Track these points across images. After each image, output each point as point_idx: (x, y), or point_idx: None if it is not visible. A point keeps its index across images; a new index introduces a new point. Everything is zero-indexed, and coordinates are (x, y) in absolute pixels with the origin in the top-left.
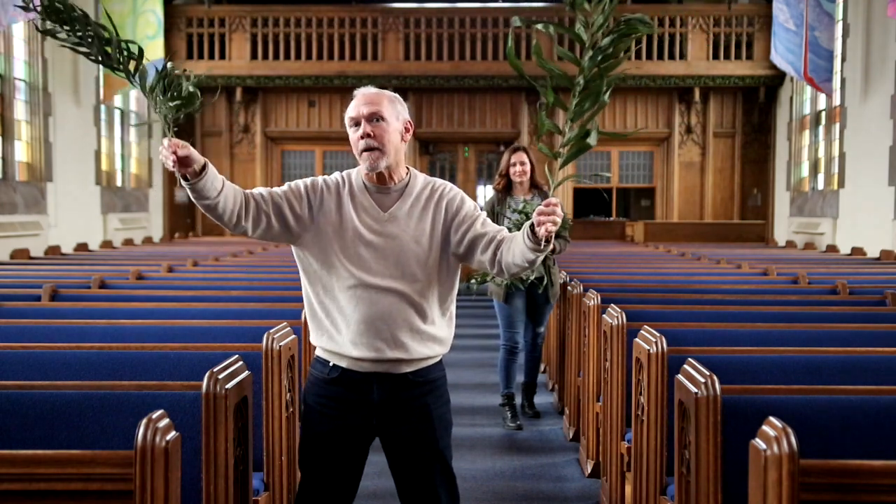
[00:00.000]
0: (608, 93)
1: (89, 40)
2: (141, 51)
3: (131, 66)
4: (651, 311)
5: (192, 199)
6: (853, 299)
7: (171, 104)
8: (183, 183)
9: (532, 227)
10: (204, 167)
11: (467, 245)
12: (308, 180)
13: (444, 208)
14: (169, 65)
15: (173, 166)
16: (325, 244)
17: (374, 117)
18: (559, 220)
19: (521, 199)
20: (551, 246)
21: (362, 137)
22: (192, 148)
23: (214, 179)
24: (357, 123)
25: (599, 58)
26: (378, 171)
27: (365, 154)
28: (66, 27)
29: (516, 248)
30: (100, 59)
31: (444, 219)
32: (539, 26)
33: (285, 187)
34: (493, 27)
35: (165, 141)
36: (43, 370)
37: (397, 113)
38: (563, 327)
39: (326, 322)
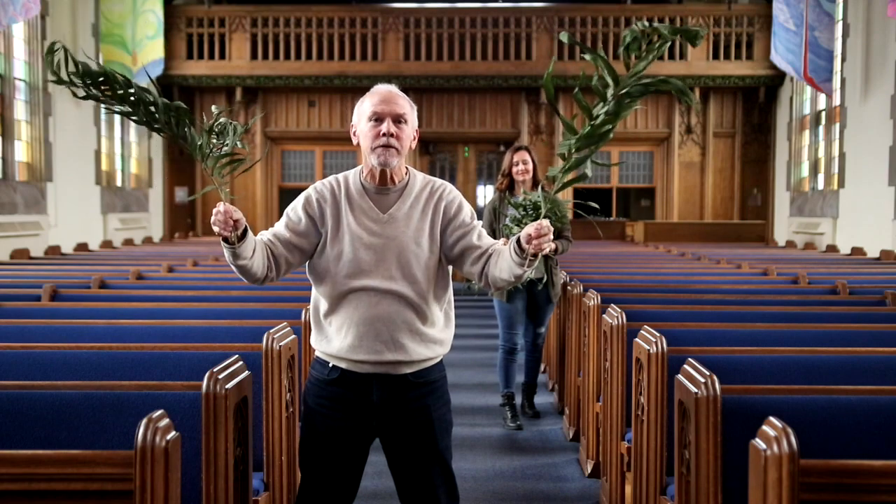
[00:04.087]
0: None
1: (133, 102)
2: (186, 111)
3: (179, 127)
4: (651, 311)
5: (229, 261)
6: (853, 299)
7: (221, 161)
8: (225, 245)
9: (519, 241)
10: (245, 230)
11: (458, 252)
12: (301, 199)
13: (442, 210)
14: (215, 109)
15: (223, 230)
16: (327, 249)
17: (400, 119)
18: (549, 245)
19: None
20: (538, 262)
21: (384, 135)
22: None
23: (250, 242)
24: (380, 119)
25: (624, 102)
26: (388, 167)
27: (381, 149)
28: (107, 92)
29: (503, 263)
30: (145, 121)
31: (442, 220)
32: (587, 56)
33: (284, 219)
34: (493, 27)
35: (221, 206)
36: (43, 370)
37: (413, 120)
38: (563, 327)
39: (326, 323)
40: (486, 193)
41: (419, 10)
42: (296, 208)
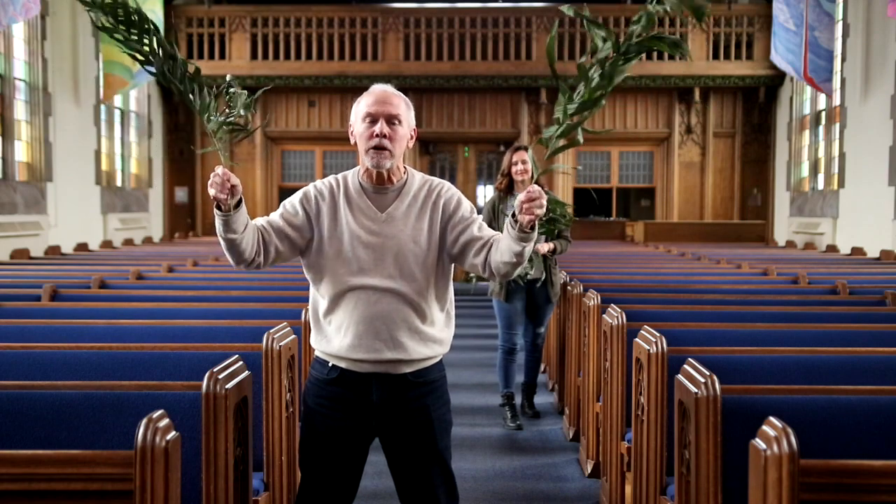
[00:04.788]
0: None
1: (155, 51)
2: (198, 70)
3: (189, 85)
4: (651, 311)
5: (219, 232)
6: (853, 299)
7: (226, 127)
8: (217, 213)
9: (514, 216)
10: (240, 201)
11: (461, 247)
12: (300, 193)
13: (441, 207)
14: (228, 77)
15: (220, 192)
16: (325, 248)
17: (393, 119)
18: (543, 207)
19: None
20: (536, 234)
21: (377, 136)
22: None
23: (244, 215)
24: (374, 120)
25: (619, 65)
26: (382, 170)
27: (373, 152)
28: (131, 31)
29: (503, 245)
30: (162, 70)
31: (441, 218)
32: (587, 28)
33: (281, 209)
34: (493, 27)
35: (220, 169)
36: (43, 370)
37: (410, 119)
38: (563, 327)
39: (325, 323)
40: (485, 193)
41: (419, 10)
42: (293, 202)
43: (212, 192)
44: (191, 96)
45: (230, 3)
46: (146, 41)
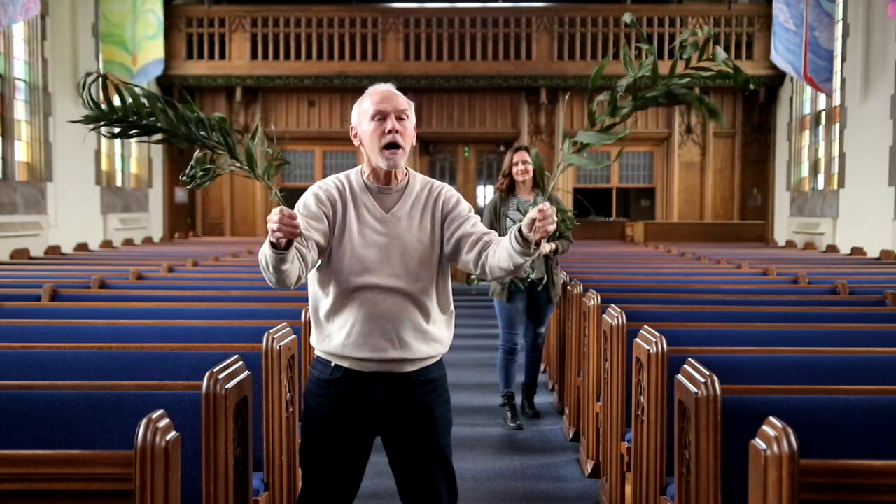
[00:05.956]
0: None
1: (181, 122)
2: (223, 119)
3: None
4: (651, 311)
5: (270, 265)
6: (853, 299)
7: (271, 168)
8: (274, 251)
9: (520, 230)
10: None
11: (455, 243)
12: (311, 197)
13: (441, 206)
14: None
15: (288, 236)
16: (333, 248)
17: (401, 114)
18: (552, 227)
19: (526, 201)
20: (540, 250)
21: (390, 131)
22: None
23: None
24: (384, 118)
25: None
26: (396, 168)
27: (388, 152)
28: (149, 117)
29: (502, 252)
30: (198, 138)
31: (441, 215)
32: (644, 47)
33: (299, 218)
34: (493, 27)
35: (285, 210)
36: (43, 370)
37: (413, 117)
38: (563, 327)
39: (328, 322)
40: (486, 193)
41: (419, 10)
42: (308, 207)
43: (278, 236)
44: (234, 150)
45: (230, 3)
46: (162, 117)
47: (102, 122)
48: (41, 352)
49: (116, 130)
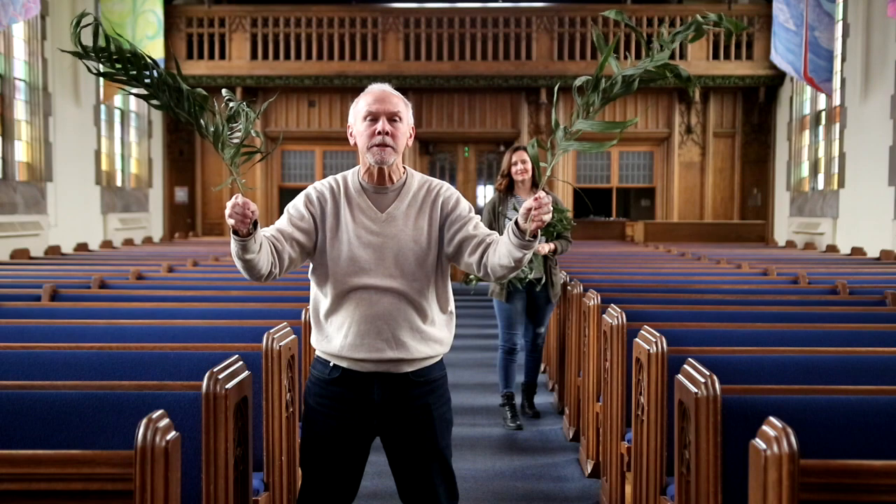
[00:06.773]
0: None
1: (161, 88)
2: (205, 97)
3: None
4: (651, 311)
5: (235, 254)
6: (853, 299)
7: (239, 154)
8: (235, 238)
9: (517, 222)
10: (255, 223)
11: (457, 245)
12: (302, 196)
13: (440, 206)
14: (224, 93)
15: (241, 224)
16: (327, 249)
17: (394, 117)
18: (550, 213)
19: (525, 201)
20: (538, 242)
21: (380, 133)
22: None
23: (259, 235)
24: (375, 119)
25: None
26: (384, 165)
27: (376, 148)
28: (129, 71)
29: (502, 248)
30: (169, 105)
31: (441, 216)
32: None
33: (286, 216)
34: (493, 27)
35: (240, 198)
36: (43, 370)
37: (408, 117)
38: (563, 327)
39: (326, 323)
40: (485, 193)
41: (419, 10)
42: (297, 206)
43: (231, 222)
44: (202, 126)
45: (230, 3)
46: (147, 77)
47: (92, 55)
48: (41, 352)
49: (102, 69)
